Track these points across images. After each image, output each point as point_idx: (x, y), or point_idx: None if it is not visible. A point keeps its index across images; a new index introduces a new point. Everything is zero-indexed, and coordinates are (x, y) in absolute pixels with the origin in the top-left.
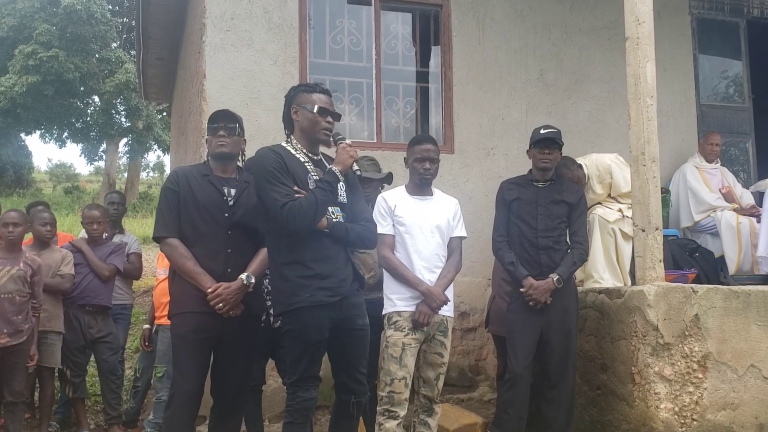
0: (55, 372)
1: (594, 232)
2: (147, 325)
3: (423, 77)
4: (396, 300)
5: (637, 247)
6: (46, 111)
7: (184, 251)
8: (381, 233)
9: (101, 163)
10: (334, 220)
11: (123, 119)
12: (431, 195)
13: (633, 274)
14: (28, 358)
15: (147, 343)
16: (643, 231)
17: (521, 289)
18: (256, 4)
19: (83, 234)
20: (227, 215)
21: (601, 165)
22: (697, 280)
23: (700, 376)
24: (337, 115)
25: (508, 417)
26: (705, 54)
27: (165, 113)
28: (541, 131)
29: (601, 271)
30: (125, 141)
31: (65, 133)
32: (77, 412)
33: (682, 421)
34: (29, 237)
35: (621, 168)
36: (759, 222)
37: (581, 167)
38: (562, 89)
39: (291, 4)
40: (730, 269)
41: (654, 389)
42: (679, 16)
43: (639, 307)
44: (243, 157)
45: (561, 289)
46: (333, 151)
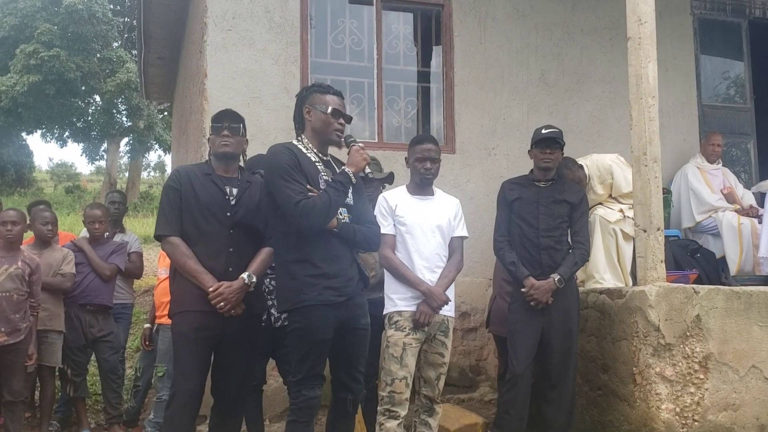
0: (56, 371)
1: (595, 232)
2: (148, 325)
3: (424, 77)
4: (397, 300)
5: (639, 248)
6: (47, 110)
7: (185, 250)
8: (382, 233)
9: (102, 163)
10: (342, 221)
11: (124, 119)
12: (432, 195)
13: (634, 274)
14: (26, 357)
15: (148, 343)
16: (645, 231)
17: (522, 289)
18: (257, 3)
19: (84, 233)
20: (229, 214)
21: (602, 165)
22: (699, 280)
23: (701, 376)
24: (349, 118)
25: (508, 417)
26: (706, 54)
27: (166, 113)
28: (543, 131)
29: (602, 272)
30: (126, 140)
31: (66, 133)
32: (78, 411)
33: (683, 422)
34: (30, 236)
35: (622, 168)
36: (760, 223)
37: (582, 168)
38: (563, 89)
39: (292, 3)
40: (731, 270)
41: (655, 390)
42: (681, 16)
43: (640, 308)
44: (244, 157)
45: (562, 290)
46: (338, 152)
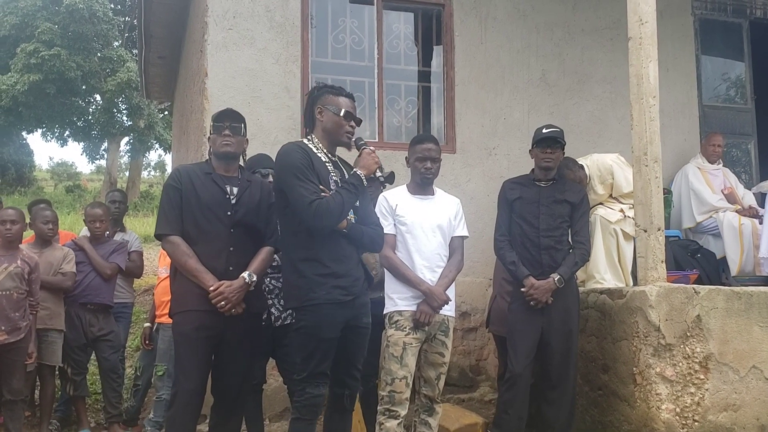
0: (56, 370)
1: (595, 232)
2: (148, 324)
3: (425, 77)
4: (397, 299)
5: (639, 248)
6: (47, 109)
7: (186, 249)
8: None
9: (103, 162)
10: (350, 222)
11: (124, 118)
12: (433, 194)
13: (635, 274)
14: (26, 355)
15: (148, 342)
16: (645, 231)
17: (522, 289)
18: (258, 2)
19: (85, 232)
20: (230, 213)
21: (603, 165)
22: (699, 281)
23: (701, 377)
24: (359, 120)
25: (507, 417)
26: (707, 55)
27: (166, 112)
28: (544, 131)
29: (603, 272)
30: (127, 140)
31: (67, 132)
32: (78, 410)
33: (683, 422)
34: (31, 235)
35: (622, 168)
36: (761, 223)
37: (583, 168)
38: (564, 89)
39: (293, 3)
40: (732, 270)
41: (655, 390)
42: (682, 16)
43: (641, 308)
44: (244, 157)
45: (562, 290)
46: (346, 153)
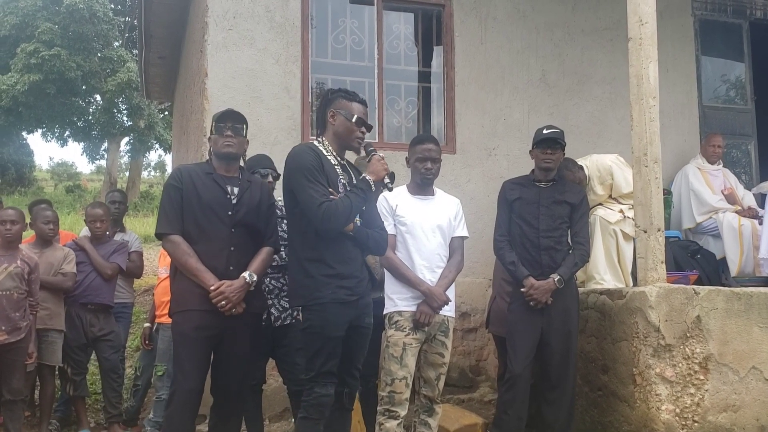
0: (56, 370)
1: (595, 233)
2: (147, 324)
3: (425, 77)
4: (397, 300)
5: (639, 248)
6: (47, 109)
7: (186, 248)
8: None
9: (103, 162)
10: (357, 225)
11: (125, 118)
12: (433, 195)
13: (634, 275)
14: (26, 355)
15: (147, 342)
16: (645, 232)
17: (522, 289)
18: (258, 3)
19: (85, 232)
20: (231, 213)
21: (602, 166)
22: (699, 281)
23: (701, 377)
24: (370, 127)
25: (507, 417)
26: (707, 55)
27: (167, 112)
28: (544, 131)
29: (603, 272)
30: (127, 140)
31: (67, 132)
32: (77, 410)
33: (683, 423)
34: (31, 235)
35: (622, 169)
36: (761, 224)
37: (582, 169)
38: (564, 90)
39: (293, 3)
40: (731, 271)
41: (655, 390)
42: (682, 17)
43: (640, 308)
44: (244, 158)
45: (562, 290)
46: (346, 153)
